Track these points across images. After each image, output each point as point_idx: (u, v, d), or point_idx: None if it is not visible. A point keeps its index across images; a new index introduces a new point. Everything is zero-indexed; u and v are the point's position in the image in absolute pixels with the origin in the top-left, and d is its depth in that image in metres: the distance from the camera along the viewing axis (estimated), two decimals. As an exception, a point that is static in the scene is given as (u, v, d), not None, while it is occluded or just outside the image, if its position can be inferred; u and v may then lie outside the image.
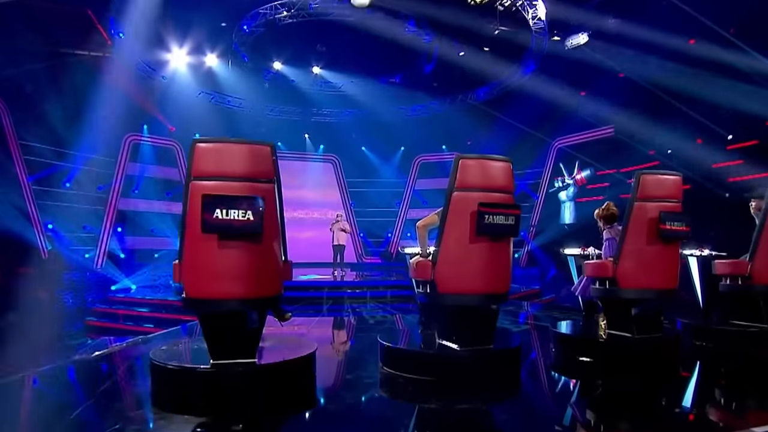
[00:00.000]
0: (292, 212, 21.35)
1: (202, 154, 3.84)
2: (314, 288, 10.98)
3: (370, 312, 9.47)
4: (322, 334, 7.15)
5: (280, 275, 4.07)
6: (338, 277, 13.55)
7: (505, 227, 4.36)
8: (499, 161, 4.50)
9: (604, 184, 18.26)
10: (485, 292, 4.43)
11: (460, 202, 4.37)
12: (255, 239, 3.80)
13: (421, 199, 21.93)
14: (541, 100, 16.82)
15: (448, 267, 4.40)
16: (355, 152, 21.57)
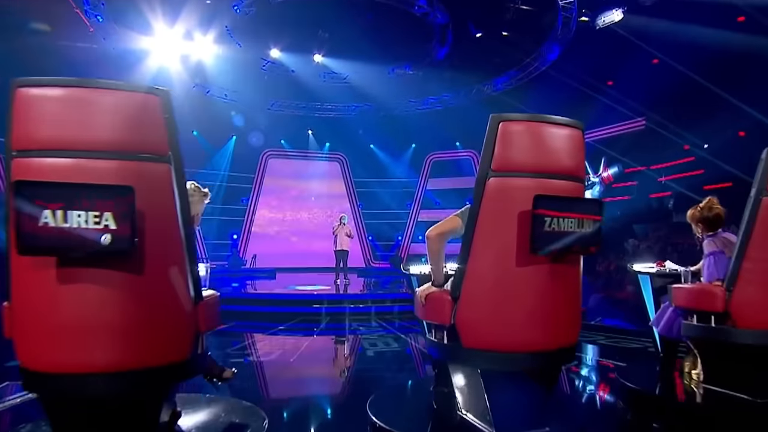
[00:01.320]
0: (295, 214, 20.01)
1: (31, 108, 2.02)
2: (310, 302, 9.16)
3: (373, 331, 7.69)
4: (305, 368, 5.34)
5: (189, 325, 2.23)
6: (340, 285, 11.80)
7: (580, 239, 2.47)
8: (564, 126, 2.61)
9: (632, 182, 16.32)
10: (541, 348, 2.56)
11: (501, 194, 2.52)
12: (124, 265, 1.97)
13: (434, 200, 20.27)
14: (564, 89, 14.96)
15: (480, 305, 2.55)
16: (362, 150, 19.92)
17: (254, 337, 7.10)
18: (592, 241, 2.51)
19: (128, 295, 2.06)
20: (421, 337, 6.61)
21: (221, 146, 18.89)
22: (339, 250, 12.24)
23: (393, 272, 18.18)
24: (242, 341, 6.63)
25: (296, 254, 18.72)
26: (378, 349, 6.24)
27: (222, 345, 6.82)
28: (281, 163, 20.06)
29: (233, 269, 17.49)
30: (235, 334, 7.43)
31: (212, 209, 18.39)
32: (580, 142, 2.64)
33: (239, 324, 8.40)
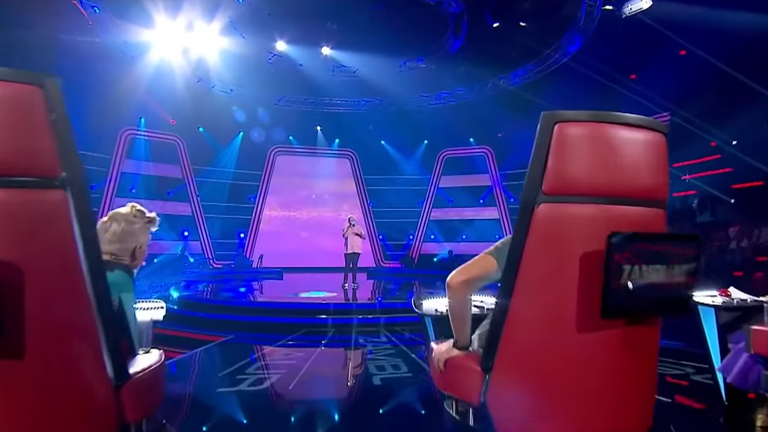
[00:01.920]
0: (303, 212, 19.55)
1: None
2: (315, 312, 8.46)
3: (381, 343, 6.98)
4: (300, 401, 4.62)
5: (105, 418, 1.50)
6: (349, 290, 11.12)
7: (669, 295, 1.70)
8: (642, 129, 1.82)
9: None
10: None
11: (555, 227, 1.75)
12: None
13: (447, 198, 19.62)
14: (585, 83, 14.07)
15: (522, 381, 1.79)
16: (373, 146, 19.24)
17: (252, 353, 6.43)
18: (685, 296, 1.73)
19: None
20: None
21: (227, 143, 18.32)
22: (350, 254, 11.52)
23: (404, 273, 17.50)
24: (236, 360, 5.94)
25: (304, 253, 18.17)
26: (386, 375, 5.51)
27: (216, 363, 6.16)
28: (289, 160, 19.53)
29: (239, 270, 16.87)
30: (231, 349, 6.76)
31: (218, 208, 17.83)
32: (663, 152, 1.86)
33: (240, 336, 7.75)
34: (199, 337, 7.82)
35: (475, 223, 18.61)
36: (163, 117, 16.54)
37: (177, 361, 6.10)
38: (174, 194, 17.42)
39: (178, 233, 17.16)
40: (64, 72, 6.73)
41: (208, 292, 11.52)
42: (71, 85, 7.06)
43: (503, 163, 18.54)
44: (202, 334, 7.84)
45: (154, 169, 16.91)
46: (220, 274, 16.32)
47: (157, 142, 17.00)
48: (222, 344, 7.09)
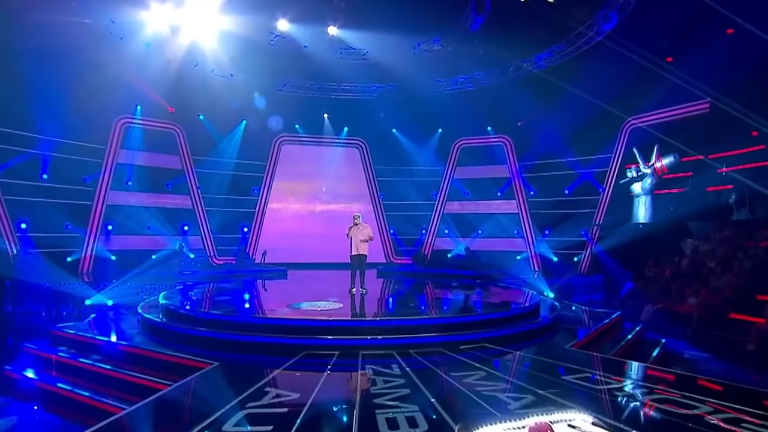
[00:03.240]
0: (310, 205, 18.72)
1: None
2: (317, 332, 7.26)
3: (394, 379, 5.75)
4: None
5: None
6: (357, 296, 9.93)
7: None
8: None
9: (686, 173, 14.09)
10: None
11: None
12: None
13: (462, 190, 18.67)
14: (617, 67, 12.73)
15: None
16: (384, 135, 18.24)
17: (237, 391, 5.24)
18: None
19: None
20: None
21: (229, 131, 17.32)
22: (355, 255, 10.29)
23: (416, 273, 16.41)
24: (212, 407, 4.74)
25: (311, 249, 17.30)
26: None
27: (186, 411, 4.89)
28: (295, 150, 18.54)
29: (241, 268, 15.83)
30: (210, 386, 5.57)
31: (220, 201, 17.00)
32: None
33: (229, 360, 6.57)
34: (178, 360, 6.68)
35: (492, 217, 17.62)
36: (161, 104, 15.45)
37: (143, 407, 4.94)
38: (173, 186, 16.47)
39: (178, 228, 16.26)
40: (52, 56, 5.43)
41: (200, 298, 10.38)
42: (62, 71, 5.86)
43: (523, 154, 17.45)
44: (183, 358, 6.68)
45: (152, 159, 15.92)
46: (219, 274, 15.25)
47: (154, 131, 15.93)
48: (202, 376, 5.92)
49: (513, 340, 7.72)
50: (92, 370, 6.90)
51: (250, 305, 10.00)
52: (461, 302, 10.47)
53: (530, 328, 8.30)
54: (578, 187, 16.22)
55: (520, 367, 6.25)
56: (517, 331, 8.04)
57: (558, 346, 7.54)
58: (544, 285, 13.29)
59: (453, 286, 12.80)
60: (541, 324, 8.52)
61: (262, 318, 7.88)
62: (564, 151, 15.96)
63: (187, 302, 9.54)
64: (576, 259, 15.87)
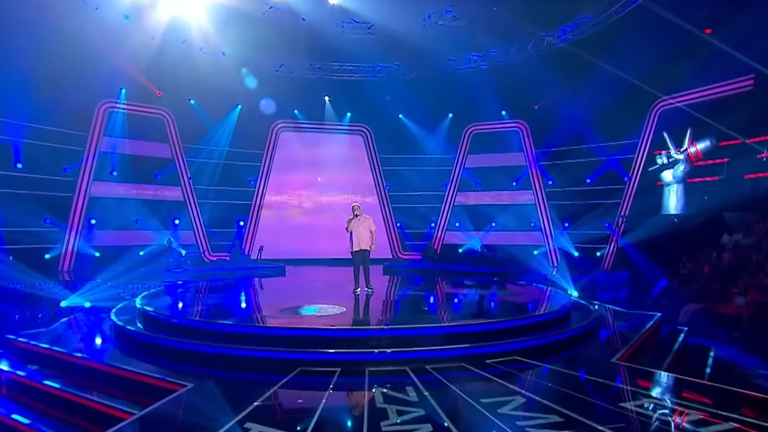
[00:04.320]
0: (310, 197, 17.86)
1: None
2: (315, 343, 6.12)
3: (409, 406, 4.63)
4: None
5: None
6: (361, 298, 8.84)
7: None
8: None
9: (720, 159, 12.87)
10: None
11: None
12: None
13: (474, 180, 17.69)
14: (651, 39, 11.55)
15: None
16: (390, 120, 17.18)
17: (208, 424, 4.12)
18: None
19: None
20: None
21: (223, 117, 16.27)
22: (357, 251, 9.23)
23: (425, 270, 15.40)
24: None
25: (311, 244, 16.51)
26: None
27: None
28: (295, 138, 17.62)
29: (235, 265, 14.89)
30: (178, 416, 4.44)
31: (213, 192, 16.15)
32: None
33: (207, 380, 5.44)
34: (146, 380, 5.56)
35: (507, 209, 16.68)
36: (148, 88, 14.37)
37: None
38: (162, 177, 15.49)
39: (168, 222, 15.32)
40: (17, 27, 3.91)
41: (182, 301, 9.30)
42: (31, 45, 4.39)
43: (541, 140, 16.36)
44: (151, 378, 5.55)
45: (139, 147, 14.90)
46: (211, 271, 14.22)
47: (140, 116, 14.88)
48: (171, 404, 4.79)
49: (546, 350, 6.63)
50: (43, 391, 5.76)
51: (238, 309, 8.85)
52: (480, 304, 9.39)
53: (566, 337, 7.15)
54: (601, 176, 15.21)
55: (566, 390, 5.07)
56: (551, 341, 6.90)
57: (601, 360, 6.45)
58: (567, 282, 12.29)
59: (468, 284, 11.87)
60: (577, 331, 7.38)
61: (247, 326, 6.72)
62: (586, 136, 14.90)
63: (167, 306, 8.44)
64: (599, 254, 14.86)
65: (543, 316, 7.59)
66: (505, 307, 9.15)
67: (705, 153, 13.03)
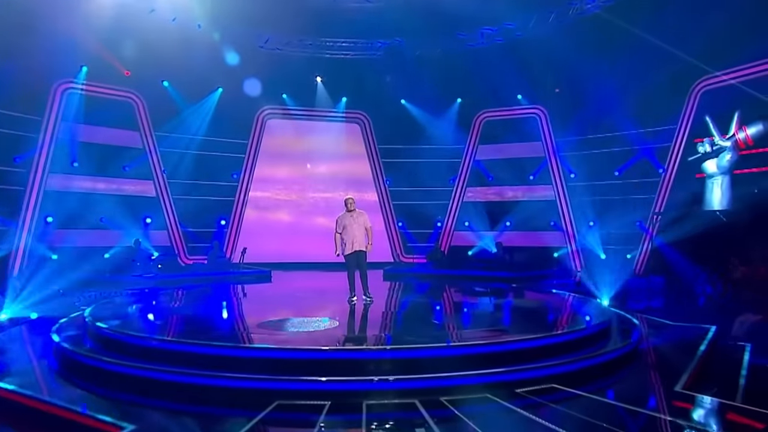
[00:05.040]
0: (300, 195, 17.32)
1: None
2: (300, 367, 5.11)
3: None
4: None
5: None
6: (358, 307, 7.95)
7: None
8: None
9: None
10: None
11: None
12: None
13: (486, 173, 16.97)
14: (694, 8, 10.60)
15: None
16: (391, 106, 16.50)
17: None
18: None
19: None
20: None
21: (201, 101, 15.45)
22: (351, 254, 8.41)
23: (432, 275, 14.67)
24: None
25: (301, 245, 15.90)
26: None
27: None
28: (283, 126, 16.97)
29: (214, 270, 14.09)
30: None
31: (191, 187, 15.35)
32: None
33: (156, 419, 4.45)
34: (75, 418, 4.53)
35: (523, 206, 15.94)
36: (114, 66, 13.50)
37: None
38: (132, 169, 14.67)
39: (138, 220, 14.51)
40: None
41: (138, 313, 8.34)
42: None
43: (562, 127, 15.53)
44: (82, 416, 4.52)
45: (104, 135, 14.03)
46: (184, 277, 13.38)
47: (106, 100, 13.98)
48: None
49: (588, 375, 5.69)
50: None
51: (205, 323, 7.81)
52: (500, 317, 8.42)
53: (611, 358, 6.15)
54: (632, 168, 14.41)
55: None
56: (593, 363, 5.92)
57: (659, 388, 5.61)
58: (596, 289, 11.55)
59: (483, 292, 11.13)
60: (624, 350, 6.39)
61: (209, 347, 5.65)
62: (614, 122, 14.15)
63: (123, 319, 7.46)
64: (630, 256, 14.04)
65: (581, 332, 6.59)
66: (530, 320, 8.14)
67: (756, 139, 12.18)
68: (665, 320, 9.00)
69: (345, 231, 8.35)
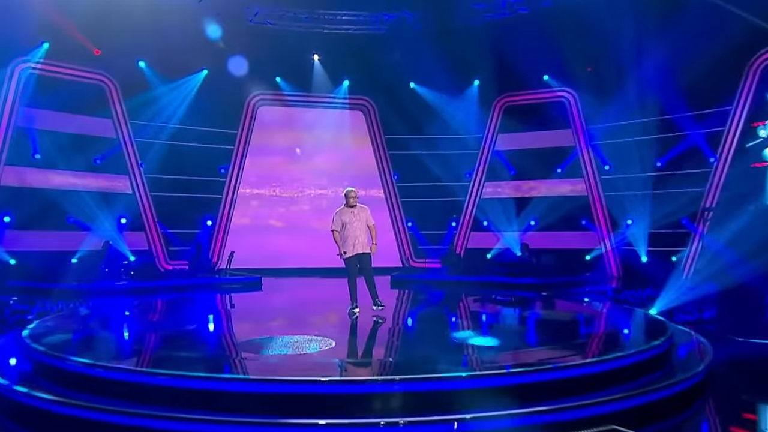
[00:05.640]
0: (295, 191, 16.77)
1: None
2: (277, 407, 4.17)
3: None
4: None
5: None
6: (362, 325, 7.19)
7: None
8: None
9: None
10: None
11: None
12: None
13: (507, 166, 16.33)
14: None
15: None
16: (399, 90, 15.84)
17: None
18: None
19: None
20: None
21: (183, 86, 14.83)
22: (352, 257, 7.71)
23: (449, 282, 13.88)
24: None
25: (297, 249, 15.47)
26: None
27: None
28: (277, 114, 16.42)
29: (197, 277, 13.42)
30: None
31: (172, 183, 14.76)
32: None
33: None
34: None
35: (550, 202, 15.32)
36: (81, 43, 12.90)
37: None
38: (104, 162, 14.01)
39: (112, 221, 13.88)
40: None
41: (90, 332, 7.47)
42: None
43: (595, 113, 14.85)
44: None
45: (71, 123, 13.35)
46: (161, 285, 12.69)
47: (73, 82, 13.33)
48: None
49: (651, 412, 4.79)
50: None
51: (176, 345, 6.85)
52: (533, 334, 7.45)
53: (683, 388, 5.20)
54: (678, 157, 13.71)
55: None
56: (659, 396, 4.96)
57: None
58: (637, 298, 11.05)
59: (508, 301, 10.43)
60: (698, 377, 5.44)
61: (174, 377, 4.67)
62: (656, 105, 13.50)
63: (70, 337, 6.58)
64: (675, 258, 13.36)
65: (643, 353, 5.61)
66: (571, 338, 7.13)
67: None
68: (734, 336, 8.19)
69: (344, 229, 7.68)
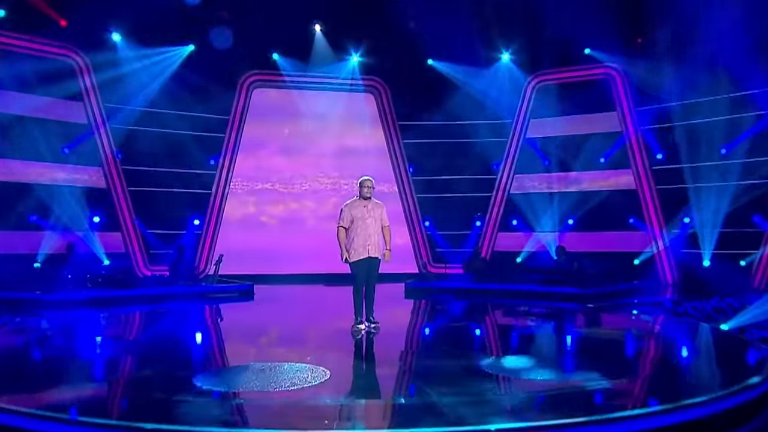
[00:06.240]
0: (295, 186, 16.20)
1: None
2: None
3: None
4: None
5: None
6: (365, 346, 6.50)
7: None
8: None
9: None
10: None
11: None
12: None
13: (541, 156, 15.77)
14: None
15: None
16: (414, 67, 15.37)
17: None
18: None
19: None
20: None
21: (166, 63, 14.33)
22: (363, 260, 7.00)
23: (474, 291, 13.00)
24: None
25: (296, 252, 15.04)
26: None
27: None
28: (274, 97, 15.99)
29: (178, 285, 12.76)
30: None
31: (153, 176, 14.39)
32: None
33: None
34: None
35: (591, 198, 14.77)
36: (43, 12, 12.40)
37: None
38: (73, 152, 13.55)
39: (83, 219, 13.41)
40: None
41: (46, 352, 6.49)
42: None
43: (645, 93, 14.20)
44: None
45: (35, 107, 12.77)
46: (133, 295, 11.99)
47: (34, 57, 12.77)
48: None
49: None
50: None
51: (133, 377, 5.79)
52: (588, 360, 6.25)
53: None
54: (744, 144, 12.92)
55: None
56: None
57: None
58: (705, 311, 9.84)
59: (546, 315, 9.68)
60: None
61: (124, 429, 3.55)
62: (722, 81, 12.69)
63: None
64: (744, 263, 12.76)
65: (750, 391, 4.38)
66: (635, 366, 5.92)
67: None
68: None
69: (354, 227, 7.03)
